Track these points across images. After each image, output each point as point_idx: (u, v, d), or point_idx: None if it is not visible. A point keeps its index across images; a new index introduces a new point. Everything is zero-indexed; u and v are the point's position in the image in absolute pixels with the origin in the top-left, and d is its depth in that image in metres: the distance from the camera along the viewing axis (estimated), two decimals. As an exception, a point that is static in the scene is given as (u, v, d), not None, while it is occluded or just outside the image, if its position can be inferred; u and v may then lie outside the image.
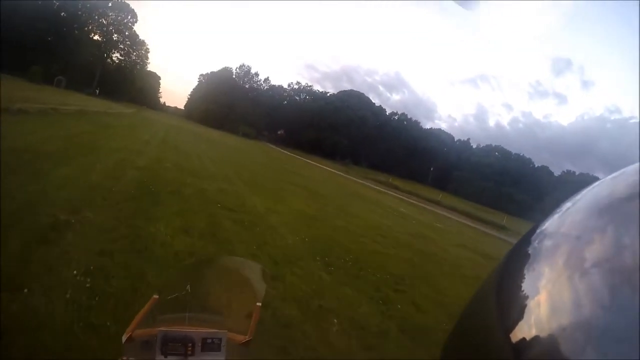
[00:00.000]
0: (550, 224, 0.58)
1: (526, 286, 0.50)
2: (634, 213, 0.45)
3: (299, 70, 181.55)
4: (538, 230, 0.59)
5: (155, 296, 1.20)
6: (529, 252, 0.56)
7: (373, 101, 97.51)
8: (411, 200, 34.86)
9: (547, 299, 0.47)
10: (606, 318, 0.39)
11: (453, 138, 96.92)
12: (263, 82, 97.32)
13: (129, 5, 74.79)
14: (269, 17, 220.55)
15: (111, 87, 70.79)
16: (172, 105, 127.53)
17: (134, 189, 7.43)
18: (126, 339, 1.01)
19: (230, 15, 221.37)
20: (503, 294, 0.54)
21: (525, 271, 0.53)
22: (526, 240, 0.59)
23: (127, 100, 69.34)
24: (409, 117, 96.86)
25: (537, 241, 0.57)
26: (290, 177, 21.12)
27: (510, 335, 0.46)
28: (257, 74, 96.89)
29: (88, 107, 27.08)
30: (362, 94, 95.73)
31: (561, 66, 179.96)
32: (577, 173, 78.31)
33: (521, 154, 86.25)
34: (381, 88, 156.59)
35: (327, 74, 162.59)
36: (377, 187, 40.82)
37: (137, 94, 79.80)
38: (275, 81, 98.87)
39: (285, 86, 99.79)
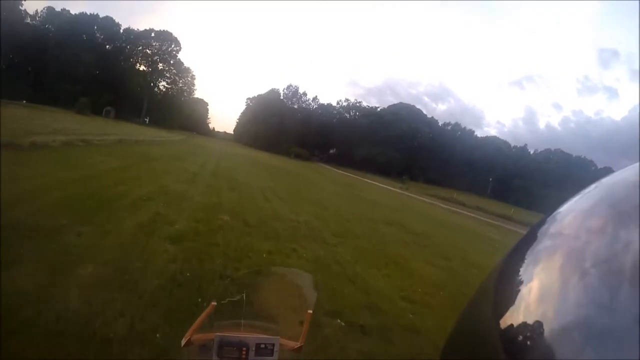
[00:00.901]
0: (549, 225, 0.58)
1: (525, 287, 0.51)
2: (633, 213, 0.45)
3: (342, 88, 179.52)
4: (538, 231, 0.58)
5: (214, 303, 1.19)
6: (528, 253, 0.56)
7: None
8: (486, 219, 31.08)
9: (546, 300, 0.47)
10: (605, 318, 0.38)
11: (509, 145, 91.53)
12: (312, 101, 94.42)
13: (171, 34, 75.58)
14: (308, 38, 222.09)
15: (160, 115, 71.08)
16: (221, 130, 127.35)
17: (165, 305, 3.60)
18: (185, 343, 1.02)
19: (270, 38, 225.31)
20: (502, 294, 0.55)
21: (524, 272, 0.53)
22: (526, 241, 0.59)
23: (177, 128, 68.75)
24: (462, 126, 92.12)
25: (536, 242, 0.57)
26: (375, 210, 17.24)
27: (509, 336, 0.46)
28: (305, 94, 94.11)
29: (130, 136, 24.42)
30: (413, 106, 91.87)
31: (608, 57, 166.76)
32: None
33: (582, 156, 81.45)
34: (426, 99, 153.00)
35: (370, 90, 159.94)
36: (446, 206, 37.13)
37: (186, 121, 79.59)
38: (321, 100, 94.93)
39: (334, 104, 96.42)
